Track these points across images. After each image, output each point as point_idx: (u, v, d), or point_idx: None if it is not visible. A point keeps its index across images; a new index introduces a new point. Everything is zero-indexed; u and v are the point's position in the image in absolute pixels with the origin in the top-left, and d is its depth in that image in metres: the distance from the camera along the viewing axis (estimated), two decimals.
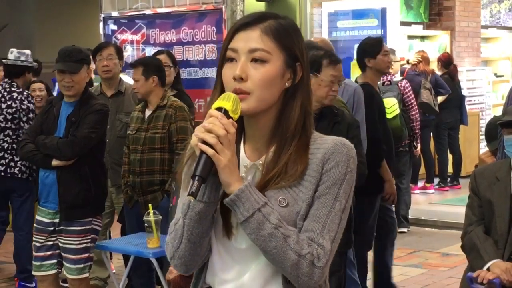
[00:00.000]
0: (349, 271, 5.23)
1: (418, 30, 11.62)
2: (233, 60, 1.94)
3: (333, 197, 1.91)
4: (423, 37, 11.73)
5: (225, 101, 1.87)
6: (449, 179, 10.75)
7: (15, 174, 6.36)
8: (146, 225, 5.02)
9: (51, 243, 4.99)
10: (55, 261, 5.03)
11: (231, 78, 1.92)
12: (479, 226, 4.04)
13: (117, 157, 5.86)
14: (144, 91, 5.51)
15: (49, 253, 5.01)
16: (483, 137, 5.79)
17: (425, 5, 11.68)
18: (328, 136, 1.99)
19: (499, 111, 8.40)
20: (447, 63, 10.60)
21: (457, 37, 11.76)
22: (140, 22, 10.31)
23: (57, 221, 4.94)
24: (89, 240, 4.98)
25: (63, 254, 4.98)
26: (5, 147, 6.34)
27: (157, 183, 5.45)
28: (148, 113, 5.54)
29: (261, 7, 8.97)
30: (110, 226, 6.50)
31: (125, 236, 5.73)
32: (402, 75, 9.70)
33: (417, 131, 8.06)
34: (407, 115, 7.98)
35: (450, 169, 10.74)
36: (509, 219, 3.92)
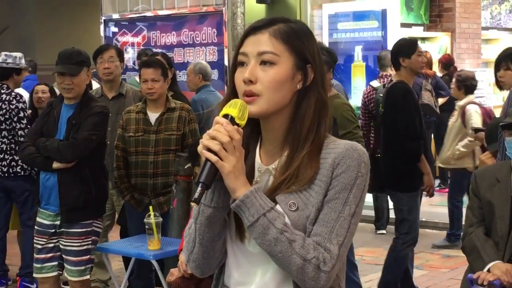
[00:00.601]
0: (350, 273, 5.26)
1: (418, 31, 11.61)
2: (244, 64, 1.98)
3: (343, 201, 1.91)
4: (423, 39, 11.72)
5: (232, 108, 1.90)
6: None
7: (18, 173, 6.41)
8: (146, 227, 5.02)
9: (52, 245, 5.00)
10: (56, 263, 5.03)
11: (242, 81, 1.96)
12: (479, 227, 4.04)
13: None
14: (162, 92, 5.51)
15: (50, 255, 5.01)
16: None
17: (426, 7, 11.68)
18: (341, 140, 1.99)
19: (499, 113, 8.39)
20: (448, 64, 10.60)
21: (458, 39, 11.76)
22: (140, 24, 10.32)
23: (58, 223, 4.95)
24: (90, 242, 4.98)
25: (64, 256, 4.98)
26: (4, 148, 6.40)
27: (171, 184, 5.46)
28: (153, 115, 5.54)
29: (262, 9, 8.98)
30: (111, 228, 6.50)
31: (126, 238, 5.73)
32: None
33: None
34: None
35: None
36: (509, 220, 3.92)
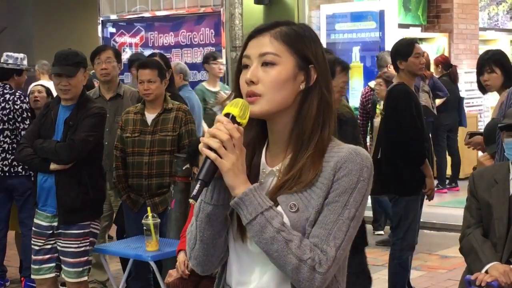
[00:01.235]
0: None
1: (416, 32, 11.63)
2: (248, 66, 2.00)
3: (342, 205, 1.92)
4: (421, 40, 11.72)
5: (233, 107, 1.93)
6: (447, 181, 10.75)
7: (19, 172, 6.42)
8: (144, 228, 5.02)
9: (49, 246, 4.99)
10: (53, 265, 5.02)
11: (245, 83, 1.98)
12: (477, 228, 4.03)
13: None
14: (159, 92, 5.50)
15: (48, 256, 5.00)
16: None
17: (423, 8, 11.69)
18: (345, 144, 2.00)
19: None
20: (448, 65, 10.60)
21: (455, 39, 11.77)
22: (138, 25, 10.32)
23: (55, 224, 4.94)
24: (88, 243, 4.98)
25: (61, 257, 4.97)
26: (6, 147, 6.42)
27: (167, 185, 5.46)
28: (150, 115, 5.54)
29: (259, 10, 8.98)
30: (108, 229, 6.50)
31: (123, 239, 5.73)
32: None
33: None
34: None
35: (448, 171, 10.74)
36: (507, 221, 3.92)
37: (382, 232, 8.42)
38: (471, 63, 12.00)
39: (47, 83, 8.60)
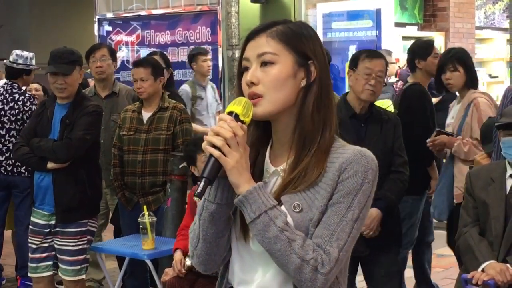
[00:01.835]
0: None
1: (412, 31, 11.62)
2: (248, 69, 2.01)
3: (346, 206, 1.91)
4: (417, 38, 11.73)
5: (236, 105, 1.93)
6: None
7: (22, 173, 6.41)
8: (141, 226, 5.02)
9: (46, 244, 4.99)
10: (50, 263, 5.02)
11: (246, 85, 1.98)
12: (474, 227, 4.04)
13: (111, 158, 5.85)
14: (152, 91, 5.49)
15: (45, 254, 5.00)
16: None
17: (420, 6, 11.69)
18: (350, 145, 2.00)
19: None
20: None
21: (452, 38, 11.76)
22: (135, 23, 10.31)
23: (52, 223, 4.94)
24: (86, 241, 4.98)
25: (59, 256, 4.97)
26: (11, 147, 6.38)
27: (160, 184, 5.46)
28: (146, 114, 5.53)
29: (256, 8, 8.97)
30: (105, 227, 6.49)
31: (120, 237, 5.73)
32: (395, 76, 9.70)
33: None
34: None
35: None
36: (504, 220, 3.93)
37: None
38: None
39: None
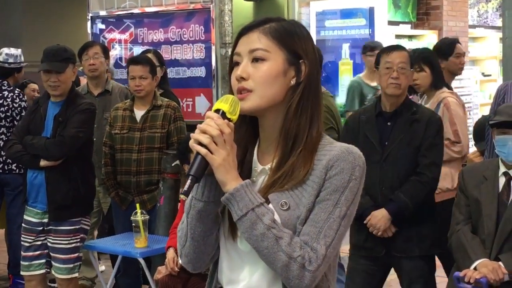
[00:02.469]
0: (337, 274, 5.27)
1: (406, 29, 11.63)
2: (238, 64, 2.01)
3: (333, 203, 1.91)
4: (411, 37, 11.74)
5: (223, 103, 1.93)
6: None
7: (12, 170, 6.40)
8: (133, 224, 5.01)
9: (39, 242, 4.98)
10: (43, 261, 5.01)
11: (235, 79, 1.98)
12: (466, 225, 4.05)
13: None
14: (150, 89, 5.50)
15: (38, 253, 4.99)
16: (471, 136, 5.79)
17: (413, 5, 11.70)
18: (338, 143, 2.00)
19: (486, 111, 8.43)
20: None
21: (445, 37, 11.78)
22: (128, 21, 10.27)
23: (45, 221, 4.93)
24: (79, 239, 4.98)
25: (52, 254, 4.96)
26: (1, 145, 6.37)
27: (155, 183, 5.46)
28: (139, 112, 5.53)
29: (249, 6, 8.96)
30: (97, 225, 6.49)
31: (113, 236, 5.72)
32: None
33: None
34: None
35: None
36: (496, 218, 3.93)
37: None
38: None
39: None
